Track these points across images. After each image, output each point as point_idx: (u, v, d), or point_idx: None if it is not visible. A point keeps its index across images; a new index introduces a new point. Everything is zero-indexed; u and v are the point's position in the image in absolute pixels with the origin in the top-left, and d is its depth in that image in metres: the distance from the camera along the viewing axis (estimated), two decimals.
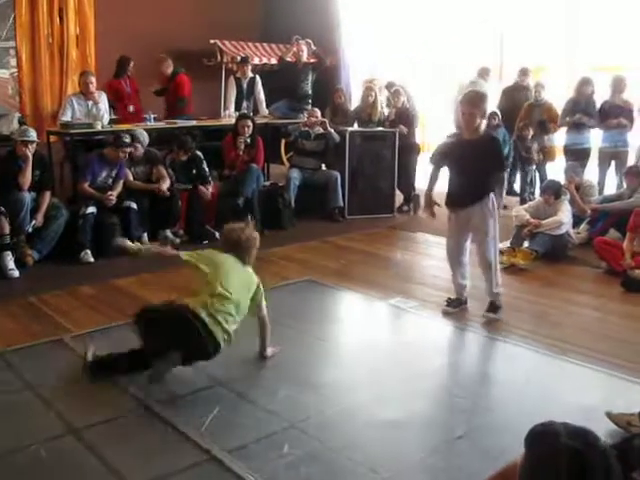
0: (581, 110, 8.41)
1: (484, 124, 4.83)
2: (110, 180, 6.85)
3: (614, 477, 1.65)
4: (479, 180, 4.80)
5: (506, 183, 7.34)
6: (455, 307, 5.11)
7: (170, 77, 9.02)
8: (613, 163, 8.40)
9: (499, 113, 8.93)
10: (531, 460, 1.71)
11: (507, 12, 11.83)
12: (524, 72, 9.53)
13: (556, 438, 1.67)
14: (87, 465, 3.06)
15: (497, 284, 4.97)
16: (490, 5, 12.02)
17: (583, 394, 3.77)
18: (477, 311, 5.06)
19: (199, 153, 7.52)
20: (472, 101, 4.74)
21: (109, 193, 6.69)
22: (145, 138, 7.25)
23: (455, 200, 4.97)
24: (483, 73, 9.73)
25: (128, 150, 6.82)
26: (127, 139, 6.86)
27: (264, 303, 4.09)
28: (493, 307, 4.96)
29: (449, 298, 5.18)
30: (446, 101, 13.09)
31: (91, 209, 6.54)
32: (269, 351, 4.18)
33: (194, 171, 7.42)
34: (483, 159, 4.73)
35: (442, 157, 5.06)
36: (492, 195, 4.86)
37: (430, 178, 5.14)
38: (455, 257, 5.10)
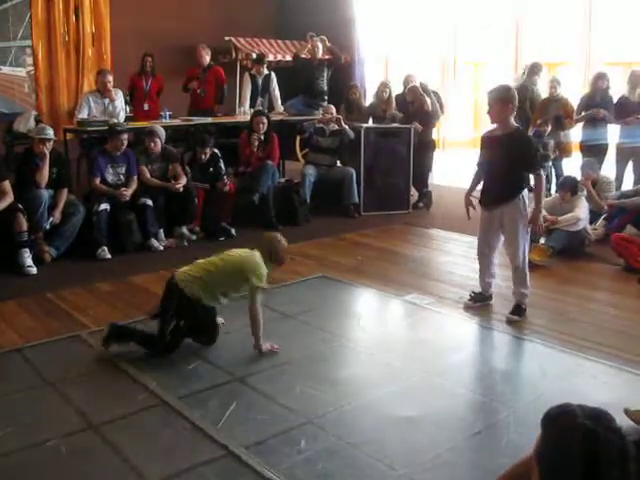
0: (596, 105, 8.36)
1: (512, 119, 4.74)
2: (122, 177, 6.89)
3: (630, 458, 1.65)
4: (509, 178, 4.74)
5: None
6: (476, 302, 5.11)
7: (206, 68, 9.06)
8: (631, 159, 8.33)
9: None
10: (547, 440, 1.71)
11: (523, 8, 11.77)
12: (532, 69, 9.36)
13: (572, 418, 1.67)
14: (106, 460, 3.09)
15: (525, 286, 4.90)
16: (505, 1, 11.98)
17: (600, 390, 3.77)
18: (495, 308, 5.06)
19: (217, 151, 7.54)
20: (495, 95, 4.68)
21: (122, 189, 6.73)
22: (162, 134, 7.27)
23: (487, 198, 4.92)
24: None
25: (124, 137, 6.85)
26: (121, 127, 6.95)
27: (258, 298, 4.13)
28: (518, 310, 4.89)
29: (473, 292, 5.17)
30: (465, 98, 13.13)
31: (104, 206, 6.57)
32: (264, 346, 4.18)
33: (211, 169, 7.44)
34: (513, 156, 4.66)
35: (481, 154, 5.00)
36: (524, 194, 4.79)
37: (472, 179, 5.11)
38: (485, 254, 5.06)
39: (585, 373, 4.05)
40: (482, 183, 5.01)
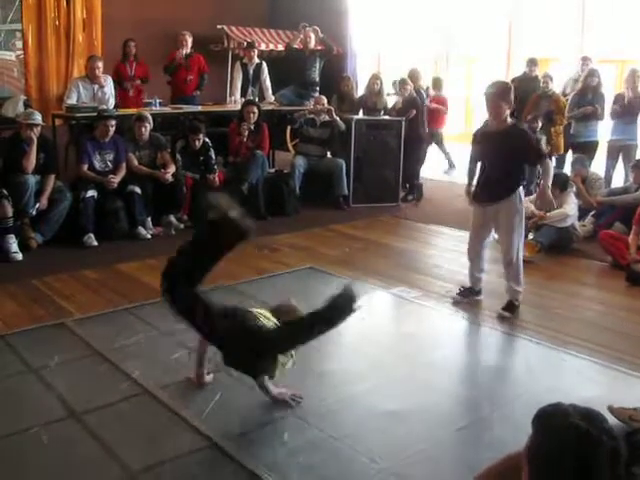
0: (588, 102, 8.37)
1: (508, 114, 4.69)
2: (109, 164, 6.84)
3: (621, 458, 1.64)
4: (507, 174, 4.71)
5: None
6: (466, 296, 5.07)
7: (188, 55, 8.97)
8: (621, 156, 8.35)
9: None
10: (539, 439, 1.70)
11: (517, 4, 11.75)
12: (533, 62, 9.42)
13: (565, 418, 1.66)
14: (87, 449, 3.07)
15: (518, 282, 4.87)
16: None
17: (585, 387, 3.77)
18: (483, 303, 5.04)
19: (208, 140, 7.48)
20: (497, 92, 4.64)
21: (110, 176, 6.69)
22: (150, 120, 7.20)
23: (483, 194, 4.87)
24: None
25: (112, 123, 6.78)
26: (108, 112, 6.95)
27: None
28: (510, 306, 4.85)
29: (462, 287, 5.13)
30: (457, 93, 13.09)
31: (91, 192, 6.53)
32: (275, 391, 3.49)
33: (202, 158, 7.38)
34: (511, 152, 4.62)
35: (476, 150, 4.97)
36: (520, 190, 4.76)
37: (468, 172, 5.06)
38: (476, 250, 5.01)
39: (570, 369, 4.05)
40: (477, 179, 4.96)
